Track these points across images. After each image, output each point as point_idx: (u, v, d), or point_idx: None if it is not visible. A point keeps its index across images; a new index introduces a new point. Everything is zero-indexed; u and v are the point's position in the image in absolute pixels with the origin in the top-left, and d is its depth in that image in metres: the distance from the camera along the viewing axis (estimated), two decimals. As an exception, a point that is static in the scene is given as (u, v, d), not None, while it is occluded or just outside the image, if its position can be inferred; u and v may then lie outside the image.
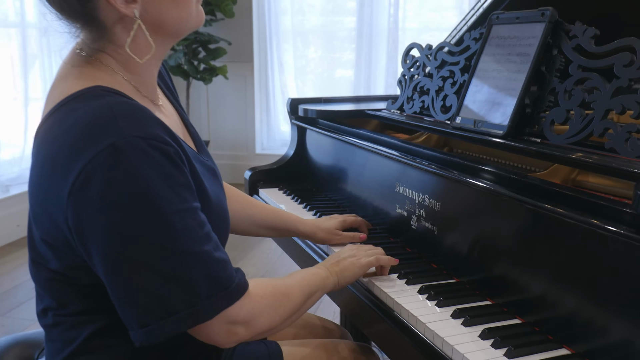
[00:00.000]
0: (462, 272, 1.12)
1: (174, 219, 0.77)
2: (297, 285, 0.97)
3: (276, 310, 0.90)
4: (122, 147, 0.75)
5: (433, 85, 1.52)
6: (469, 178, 1.10)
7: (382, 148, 1.39)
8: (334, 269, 1.08)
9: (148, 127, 0.78)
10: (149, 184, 0.75)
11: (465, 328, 0.93)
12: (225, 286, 0.82)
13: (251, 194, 1.84)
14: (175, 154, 0.80)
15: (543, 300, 0.93)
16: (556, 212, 0.91)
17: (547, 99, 1.18)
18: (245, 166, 4.99)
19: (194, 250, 0.79)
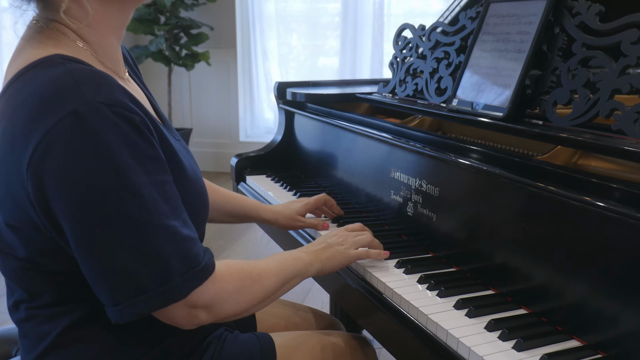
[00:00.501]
0: (462, 261, 1.08)
1: (141, 191, 0.73)
2: (272, 271, 0.92)
3: (242, 296, 0.86)
4: (84, 114, 0.71)
5: (427, 67, 1.47)
6: (469, 161, 1.04)
7: (376, 131, 1.34)
8: (320, 255, 1.03)
9: (112, 93, 0.74)
10: (114, 153, 0.72)
11: (469, 319, 0.89)
12: (195, 264, 0.78)
13: (238, 181, 1.78)
14: (141, 122, 0.76)
15: (549, 289, 0.89)
16: (564, 195, 0.86)
17: (549, 79, 1.13)
18: (229, 154, 4.92)
19: (163, 224, 0.75)
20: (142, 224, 0.74)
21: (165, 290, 0.75)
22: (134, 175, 0.73)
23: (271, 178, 1.71)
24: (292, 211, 1.27)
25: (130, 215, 0.73)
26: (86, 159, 0.71)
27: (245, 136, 4.89)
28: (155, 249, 0.74)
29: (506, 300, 0.95)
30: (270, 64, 4.78)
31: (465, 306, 0.92)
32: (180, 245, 0.77)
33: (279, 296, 0.96)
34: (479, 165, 1.02)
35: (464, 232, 1.07)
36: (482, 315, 0.90)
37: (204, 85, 4.81)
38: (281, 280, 0.94)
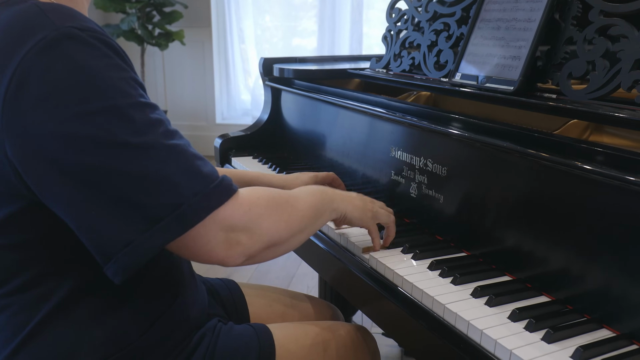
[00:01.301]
0: (472, 244, 1.01)
1: (132, 111, 0.67)
2: (302, 197, 0.85)
3: (280, 215, 0.78)
4: (56, 38, 0.65)
5: (424, 40, 1.39)
6: (482, 137, 0.97)
7: (376, 108, 1.25)
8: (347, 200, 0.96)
9: (84, 21, 0.68)
10: (96, 75, 0.65)
11: (490, 309, 0.82)
12: (210, 181, 0.70)
13: (222, 163, 1.68)
14: (120, 50, 0.70)
15: (572, 273, 0.82)
16: (587, 171, 0.79)
17: (562, 50, 1.06)
18: (206, 137, 4.81)
19: (164, 144, 0.68)
20: (139, 146, 0.66)
21: (180, 214, 0.67)
22: (121, 96, 0.66)
23: (258, 160, 1.61)
24: (301, 182, 1.18)
25: (123, 139, 0.65)
26: (65, 85, 0.64)
27: (222, 118, 4.75)
28: (159, 170, 0.66)
29: (526, 286, 0.88)
30: (247, 44, 4.63)
31: (484, 294, 0.85)
32: (188, 163, 0.69)
33: (311, 233, 0.88)
34: (494, 142, 0.95)
35: (474, 214, 1.00)
36: (504, 304, 0.83)
37: (178, 66, 4.65)
38: (312, 208, 0.86)
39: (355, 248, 1.04)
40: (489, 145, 0.96)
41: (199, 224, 0.68)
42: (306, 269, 2.65)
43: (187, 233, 0.68)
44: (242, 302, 1.14)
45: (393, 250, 1.02)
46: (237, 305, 1.13)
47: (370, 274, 0.98)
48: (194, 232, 0.69)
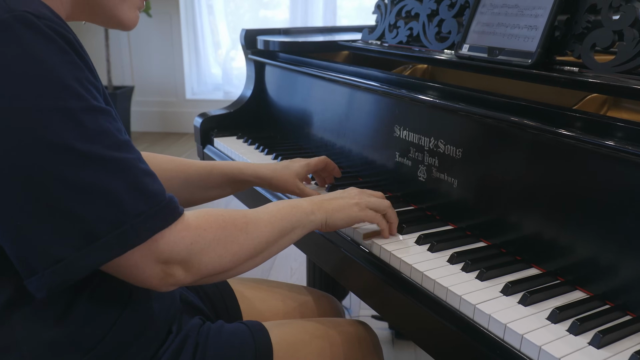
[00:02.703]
0: (492, 233, 0.92)
1: (85, 118, 0.60)
2: (263, 219, 0.77)
3: (226, 247, 0.71)
4: (8, 22, 0.57)
5: (424, 8, 1.28)
6: (508, 116, 0.88)
7: (377, 83, 1.15)
8: (325, 205, 0.87)
9: (40, 7, 0.61)
10: (50, 70, 0.59)
11: (525, 308, 0.74)
12: (156, 201, 0.64)
13: (204, 144, 1.56)
14: (78, 45, 0.63)
15: (606, 265, 0.75)
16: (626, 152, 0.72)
17: (584, 19, 0.97)
18: (175, 113, 4.63)
19: (113, 157, 0.62)
20: (86, 154, 0.60)
21: (120, 233, 0.61)
22: (75, 99, 0.60)
23: (243, 140, 1.50)
24: (292, 172, 1.06)
25: (70, 144, 0.59)
26: (14, 75, 0.57)
27: (192, 94, 4.58)
28: (104, 184, 0.61)
29: (558, 280, 0.81)
30: (216, 16, 4.44)
31: (516, 291, 0.77)
32: (136, 179, 0.63)
33: (275, 252, 0.80)
34: (520, 120, 0.86)
35: (495, 201, 0.91)
36: (539, 302, 0.75)
37: (144, 39, 4.43)
38: (276, 230, 0.78)
39: (358, 236, 0.95)
40: (513, 124, 0.87)
41: (136, 251, 0.63)
42: (289, 250, 2.56)
43: (123, 257, 0.63)
44: (231, 298, 1.04)
45: (406, 239, 0.93)
46: (227, 302, 1.03)
47: (380, 267, 0.89)
48: (130, 259, 0.63)
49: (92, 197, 0.60)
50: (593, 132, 0.78)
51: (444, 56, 1.16)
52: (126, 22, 0.75)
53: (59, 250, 0.60)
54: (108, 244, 0.61)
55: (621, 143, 0.73)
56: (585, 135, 0.77)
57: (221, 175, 1.05)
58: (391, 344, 1.94)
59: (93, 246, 0.60)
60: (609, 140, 0.74)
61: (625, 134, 0.75)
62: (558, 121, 0.83)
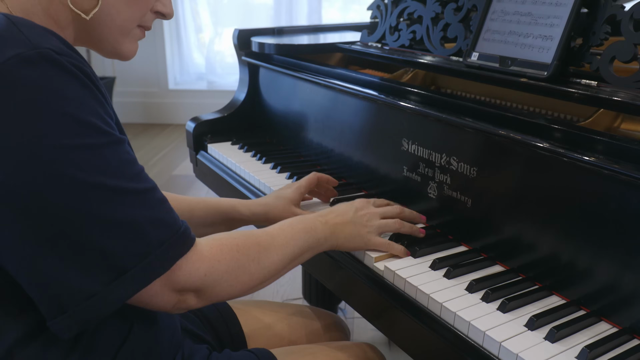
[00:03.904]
0: (509, 256, 0.89)
1: (107, 151, 0.61)
2: (276, 247, 0.77)
3: (237, 278, 0.73)
4: (33, 59, 0.57)
5: (427, 11, 1.23)
6: (526, 137, 0.84)
7: (381, 95, 1.10)
8: (338, 231, 0.88)
9: (58, 43, 0.61)
10: (74, 107, 0.59)
11: (552, 345, 0.70)
12: (175, 229, 0.66)
13: (197, 150, 1.50)
14: (95, 77, 0.64)
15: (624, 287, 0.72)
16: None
17: (602, 30, 0.93)
18: (158, 104, 4.52)
19: (135, 188, 0.63)
20: (111, 189, 0.60)
21: (146, 264, 0.62)
22: (98, 134, 0.60)
23: (239, 146, 1.44)
24: (286, 201, 1.02)
25: (95, 180, 0.59)
26: (39, 112, 0.56)
27: (175, 84, 4.47)
28: (129, 216, 0.61)
29: (581, 310, 0.78)
30: (198, 2, 4.33)
31: (542, 324, 0.74)
32: (154, 210, 0.64)
33: (283, 274, 0.81)
34: (535, 142, 0.82)
35: (512, 221, 0.88)
36: (567, 337, 0.72)
37: (124, 27, 4.29)
38: (287, 257, 0.79)
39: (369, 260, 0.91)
40: (532, 147, 0.83)
41: (157, 281, 0.64)
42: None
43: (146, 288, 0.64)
44: (235, 323, 1.00)
45: (419, 262, 0.89)
46: (230, 328, 0.98)
47: (394, 295, 0.85)
48: (151, 289, 0.64)
49: (119, 231, 0.61)
50: (611, 156, 0.75)
51: (453, 65, 1.11)
52: (126, 54, 0.75)
53: (88, 287, 0.60)
54: (135, 275, 0.62)
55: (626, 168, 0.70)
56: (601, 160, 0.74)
57: (217, 214, 1.02)
58: (388, 345, 1.92)
59: (121, 279, 0.61)
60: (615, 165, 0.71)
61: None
62: (579, 144, 0.79)
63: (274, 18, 4.23)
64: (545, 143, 0.81)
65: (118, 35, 0.72)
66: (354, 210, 0.91)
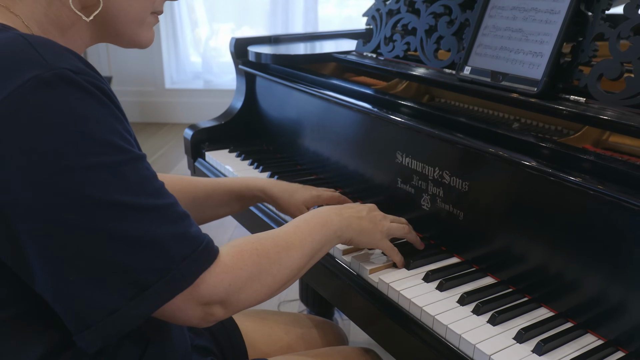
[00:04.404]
0: (500, 268, 0.92)
1: (126, 169, 0.61)
2: (295, 245, 0.77)
3: (261, 282, 0.72)
4: (50, 80, 0.57)
5: (421, 23, 1.26)
6: (514, 155, 0.86)
7: (375, 108, 1.12)
8: (354, 224, 0.89)
9: (75, 61, 0.61)
10: (92, 126, 0.59)
11: (540, 358, 0.73)
12: (197, 243, 0.66)
13: (194, 158, 1.52)
14: (112, 94, 0.64)
15: (629, 309, 0.75)
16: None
17: (590, 47, 0.95)
18: (155, 103, 4.53)
19: (156, 205, 0.63)
20: (131, 207, 0.61)
21: (169, 279, 0.63)
22: (117, 152, 0.61)
23: (236, 154, 1.46)
24: (300, 200, 1.06)
25: (116, 199, 0.60)
26: (57, 134, 0.57)
27: (172, 83, 4.48)
28: (150, 233, 0.62)
29: (569, 322, 0.81)
30: (194, 0, 4.33)
31: (530, 337, 0.77)
32: (177, 224, 0.65)
33: (306, 271, 0.81)
34: (525, 161, 0.84)
35: (503, 234, 0.90)
36: (554, 349, 0.75)
37: (121, 27, 4.30)
38: (307, 254, 0.79)
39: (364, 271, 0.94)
40: (521, 165, 0.85)
41: (180, 295, 0.64)
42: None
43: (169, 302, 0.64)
44: (237, 335, 1.02)
45: (412, 275, 0.92)
46: (232, 340, 1.01)
47: (389, 309, 0.88)
48: (174, 303, 0.64)
49: (141, 248, 0.61)
50: (595, 175, 0.78)
51: (445, 78, 1.13)
52: (144, 42, 0.76)
53: (111, 302, 0.61)
54: (158, 291, 0.62)
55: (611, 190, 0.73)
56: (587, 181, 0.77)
57: (227, 192, 1.05)
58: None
59: (144, 295, 0.62)
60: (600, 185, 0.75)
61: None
62: (566, 162, 0.82)
63: (269, 14, 4.23)
64: (533, 161, 0.84)
65: (134, 27, 0.73)
66: (368, 210, 0.93)
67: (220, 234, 2.59)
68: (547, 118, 1.07)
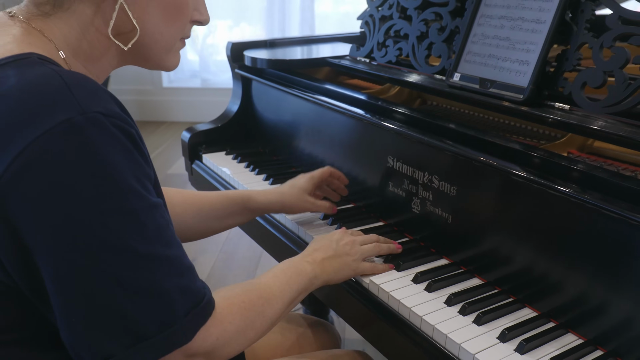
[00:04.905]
0: (486, 269, 0.95)
1: (145, 217, 0.62)
2: (276, 296, 0.79)
3: (246, 335, 0.74)
4: (81, 124, 0.58)
5: (413, 30, 1.29)
6: (501, 163, 0.90)
7: (366, 114, 1.16)
8: (326, 267, 0.90)
9: (107, 102, 0.62)
10: (116, 172, 0.60)
11: (522, 357, 0.77)
12: (199, 300, 0.66)
13: (192, 160, 1.55)
14: (138, 137, 0.65)
15: (608, 309, 0.78)
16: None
17: (575, 56, 0.99)
18: (153, 102, 4.56)
19: (167, 255, 0.64)
20: (145, 256, 0.61)
21: (170, 333, 0.63)
22: (137, 199, 0.61)
23: (232, 156, 1.50)
24: (299, 190, 1.10)
25: (131, 246, 0.60)
26: (81, 177, 0.58)
27: (169, 81, 4.50)
28: (159, 284, 0.62)
29: (551, 322, 0.84)
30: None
31: (513, 337, 0.80)
32: (183, 278, 0.65)
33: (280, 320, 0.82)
34: (509, 168, 0.88)
35: (489, 237, 0.94)
36: (536, 349, 0.78)
37: (118, 26, 4.32)
38: (286, 303, 0.81)
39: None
40: (504, 173, 0.89)
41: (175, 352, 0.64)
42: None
43: None
44: None
45: (403, 279, 0.95)
46: None
47: (381, 310, 0.92)
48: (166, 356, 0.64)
49: (147, 299, 0.61)
50: (576, 182, 0.81)
51: (436, 84, 1.17)
52: (171, 67, 0.78)
53: (107, 347, 0.61)
54: (156, 343, 0.62)
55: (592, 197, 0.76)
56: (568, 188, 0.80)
57: (233, 204, 1.08)
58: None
59: (141, 345, 0.61)
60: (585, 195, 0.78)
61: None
62: (550, 170, 0.85)
63: (266, 10, 4.25)
64: (517, 168, 0.87)
65: (163, 54, 0.75)
66: (335, 242, 0.94)
67: (217, 236, 2.62)
68: (534, 123, 1.10)
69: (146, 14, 0.71)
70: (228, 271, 2.39)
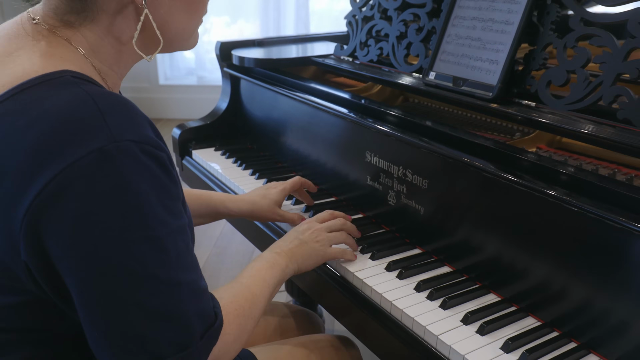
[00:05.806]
0: (455, 258, 1.00)
1: (168, 243, 0.63)
2: (258, 295, 0.83)
3: (240, 340, 0.77)
4: (112, 153, 0.59)
5: (393, 30, 1.34)
6: (469, 158, 0.95)
7: (345, 111, 1.21)
8: (296, 255, 0.95)
9: (140, 127, 0.63)
10: (143, 200, 0.61)
11: (482, 338, 0.82)
12: (212, 321, 0.69)
13: (182, 156, 1.61)
14: (168, 160, 0.66)
15: (566, 298, 0.84)
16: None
17: (541, 56, 1.04)
18: (149, 99, 4.61)
19: (187, 280, 0.65)
20: (165, 281, 0.63)
21: (186, 355, 0.65)
22: (161, 226, 0.63)
23: (221, 152, 1.55)
24: (270, 201, 1.14)
25: (153, 273, 0.62)
26: (109, 206, 0.59)
27: (165, 79, 4.55)
28: (177, 308, 0.64)
29: (513, 307, 0.90)
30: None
31: (475, 319, 0.86)
32: (199, 301, 0.67)
33: None
34: (479, 163, 0.93)
35: (457, 228, 0.99)
36: (495, 331, 0.84)
37: (115, 24, 4.36)
38: (267, 298, 0.86)
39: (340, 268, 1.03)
40: (472, 167, 0.94)
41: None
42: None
43: None
44: None
45: (376, 265, 1.01)
46: None
47: (356, 296, 0.97)
48: None
49: (166, 322, 0.63)
50: (540, 178, 0.86)
51: (413, 82, 1.22)
52: (192, 47, 0.80)
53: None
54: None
55: (559, 193, 0.81)
56: (532, 181, 0.85)
57: (205, 207, 1.12)
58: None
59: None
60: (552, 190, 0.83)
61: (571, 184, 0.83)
62: (516, 166, 0.90)
63: (261, 8, 4.28)
64: (484, 163, 0.92)
65: (185, 41, 0.77)
66: (301, 232, 0.99)
67: (212, 229, 2.67)
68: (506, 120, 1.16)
69: (170, 15, 0.72)
70: (221, 265, 2.44)
